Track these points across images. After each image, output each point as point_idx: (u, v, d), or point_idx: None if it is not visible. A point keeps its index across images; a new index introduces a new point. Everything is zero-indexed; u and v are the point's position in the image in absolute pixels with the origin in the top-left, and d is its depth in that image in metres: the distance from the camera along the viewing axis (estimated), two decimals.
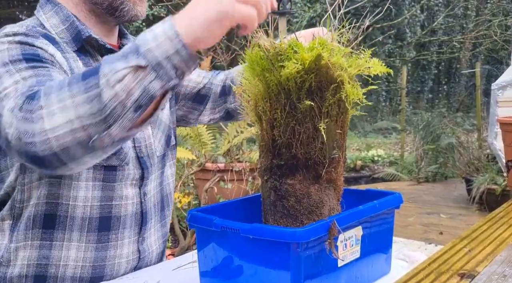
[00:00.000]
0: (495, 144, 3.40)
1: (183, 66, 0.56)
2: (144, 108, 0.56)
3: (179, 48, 0.55)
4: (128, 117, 0.55)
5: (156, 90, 0.55)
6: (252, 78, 0.62)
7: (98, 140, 0.56)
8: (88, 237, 0.77)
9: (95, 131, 0.55)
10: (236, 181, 2.52)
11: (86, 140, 0.56)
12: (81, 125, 0.55)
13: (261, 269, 0.61)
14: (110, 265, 0.80)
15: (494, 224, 0.88)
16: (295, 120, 0.61)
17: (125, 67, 0.54)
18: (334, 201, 0.66)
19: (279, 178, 0.63)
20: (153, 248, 0.88)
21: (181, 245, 2.21)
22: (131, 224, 0.82)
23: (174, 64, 0.55)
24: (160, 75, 0.55)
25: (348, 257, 0.65)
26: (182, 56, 0.55)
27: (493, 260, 0.68)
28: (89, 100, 0.55)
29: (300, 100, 0.60)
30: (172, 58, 0.55)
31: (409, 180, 4.85)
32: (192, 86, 0.98)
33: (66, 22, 0.79)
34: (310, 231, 0.58)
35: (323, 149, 0.62)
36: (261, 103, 0.63)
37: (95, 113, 0.55)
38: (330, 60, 0.58)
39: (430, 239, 2.77)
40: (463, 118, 7.75)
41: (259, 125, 0.65)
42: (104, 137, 0.56)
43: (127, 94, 0.54)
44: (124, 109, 0.55)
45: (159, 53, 0.54)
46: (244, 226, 0.61)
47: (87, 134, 0.55)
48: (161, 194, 0.90)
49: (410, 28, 9.08)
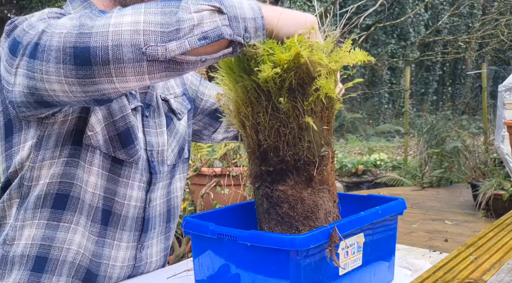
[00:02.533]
0: (502, 147, 3.37)
1: (252, 32, 0.59)
2: (208, 41, 0.57)
3: (257, 17, 0.59)
4: (191, 40, 0.56)
5: (225, 33, 0.57)
6: (231, 84, 0.62)
7: (153, 48, 0.56)
8: (92, 227, 0.77)
9: (154, 39, 0.56)
10: (233, 186, 2.50)
11: (141, 43, 0.56)
12: (144, 29, 0.56)
13: (259, 277, 0.60)
14: (105, 265, 0.79)
15: (501, 231, 0.86)
16: (279, 121, 0.60)
17: (208, 4, 0.57)
18: (330, 204, 0.64)
19: (270, 184, 0.62)
20: (153, 259, 0.87)
21: (176, 252, 2.19)
22: (131, 227, 0.81)
23: (246, 26, 0.58)
24: (233, 26, 0.58)
25: (350, 265, 0.64)
26: (257, 23, 0.59)
27: (500, 269, 0.67)
28: (163, 13, 0.57)
29: (282, 101, 0.59)
30: (247, 21, 0.59)
31: (412, 185, 4.82)
32: (212, 102, 0.99)
33: None
34: (310, 238, 0.57)
35: (311, 147, 0.60)
36: (243, 108, 0.62)
37: (163, 24, 0.56)
38: (310, 58, 0.57)
39: (434, 247, 2.75)
40: (469, 121, 7.73)
41: (243, 131, 0.64)
42: (159, 48, 0.56)
43: (199, 23, 0.56)
44: (190, 32, 0.56)
45: (240, 12, 0.58)
46: (241, 233, 0.60)
47: (146, 39, 0.56)
48: (168, 205, 0.89)
49: (413, 27, 9.08)
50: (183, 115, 0.91)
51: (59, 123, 0.74)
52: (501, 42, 6.12)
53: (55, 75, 0.60)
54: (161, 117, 0.85)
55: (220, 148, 2.63)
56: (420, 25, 9.32)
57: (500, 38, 5.83)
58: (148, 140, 0.82)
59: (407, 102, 5.89)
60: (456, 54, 7.12)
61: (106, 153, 0.76)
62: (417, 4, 8.55)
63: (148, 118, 0.83)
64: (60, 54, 0.58)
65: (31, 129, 0.74)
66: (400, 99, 9.53)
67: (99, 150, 0.76)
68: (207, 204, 2.49)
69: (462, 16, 9.22)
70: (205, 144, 2.02)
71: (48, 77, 0.61)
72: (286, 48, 0.57)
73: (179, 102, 0.91)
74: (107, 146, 0.76)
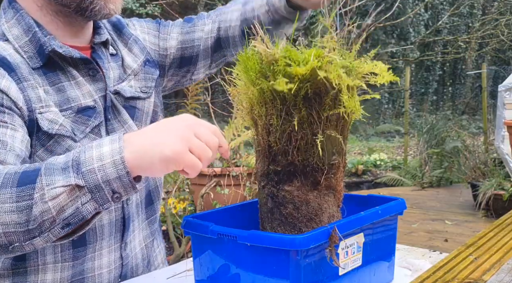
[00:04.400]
0: (502, 147, 3.37)
1: (122, 192, 0.56)
2: (72, 227, 0.56)
3: (122, 175, 0.54)
4: (55, 232, 0.55)
5: (88, 212, 0.55)
6: (247, 81, 0.61)
7: (19, 247, 0.56)
8: (63, 256, 0.75)
9: (17, 239, 0.55)
10: (233, 186, 2.50)
11: (6, 245, 0.55)
12: (3, 232, 0.55)
13: (259, 277, 0.59)
14: (90, 277, 0.77)
15: (501, 231, 0.86)
16: (291, 127, 0.59)
17: (63, 185, 0.54)
18: (334, 208, 0.64)
19: (276, 184, 0.62)
20: (137, 250, 0.84)
21: (176, 252, 2.19)
22: (110, 232, 0.78)
23: (113, 188, 0.55)
24: (96, 198, 0.55)
25: (350, 265, 0.64)
26: (123, 182, 0.55)
27: (500, 269, 0.67)
28: (19, 210, 0.54)
29: (296, 107, 0.58)
30: (112, 182, 0.54)
31: (412, 185, 4.82)
32: (176, 52, 0.90)
33: (28, 32, 0.73)
34: (310, 238, 0.56)
35: (321, 155, 0.60)
36: (257, 107, 0.61)
37: (22, 224, 0.54)
38: (327, 76, 0.55)
39: (434, 247, 2.74)
40: (469, 121, 7.72)
41: (255, 129, 0.63)
42: (25, 246, 0.56)
43: (58, 212, 0.54)
44: (52, 224, 0.55)
45: (101, 175, 0.54)
46: (241, 233, 0.59)
47: (9, 240, 0.55)
48: (147, 188, 0.85)
49: (413, 27, 9.07)
50: (151, 89, 0.85)
51: None
52: (501, 42, 6.11)
53: None
54: (121, 113, 0.80)
55: None
56: (420, 25, 9.31)
57: (500, 38, 5.82)
58: None
59: (407, 102, 5.88)
60: (456, 54, 7.12)
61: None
62: (417, 4, 8.54)
63: (110, 121, 0.78)
64: None
65: None
66: (400, 99, 9.52)
67: None
68: (207, 204, 2.48)
69: (462, 16, 9.21)
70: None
71: None
72: (303, 62, 0.55)
73: (140, 80, 0.84)
74: None
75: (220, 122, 3.10)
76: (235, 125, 0.65)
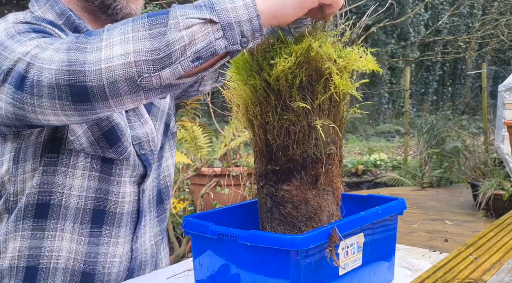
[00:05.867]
0: (502, 147, 3.37)
1: (249, 36, 0.55)
2: (202, 61, 0.55)
3: (252, 17, 0.55)
4: (184, 64, 0.54)
5: (220, 47, 0.55)
6: (240, 82, 0.61)
7: (147, 79, 0.55)
8: (81, 230, 0.76)
9: (147, 69, 0.54)
10: (233, 186, 2.50)
11: (135, 76, 0.55)
12: (135, 60, 0.54)
13: (259, 277, 0.59)
14: (102, 262, 0.79)
15: (501, 231, 0.86)
16: (289, 120, 0.59)
17: (198, 17, 0.54)
18: (333, 206, 0.64)
19: (275, 184, 0.62)
20: (147, 246, 0.86)
21: (176, 252, 2.19)
22: (127, 222, 0.80)
23: (242, 30, 0.55)
24: (228, 36, 0.54)
25: (350, 265, 0.64)
26: (253, 25, 0.55)
27: (500, 269, 0.67)
28: (151, 36, 0.54)
29: (292, 98, 0.59)
30: (242, 24, 0.55)
31: (412, 185, 4.82)
32: None
33: (62, 16, 0.77)
34: (310, 238, 0.56)
35: (317, 145, 0.60)
36: (251, 107, 0.62)
37: (153, 51, 0.54)
38: (320, 51, 0.57)
39: (434, 247, 2.74)
40: (469, 121, 7.73)
41: (251, 130, 0.64)
42: (153, 78, 0.55)
43: (190, 42, 0.54)
44: (183, 55, 0.54)
45: (233, 15, 0.54)
46: (241, 233, 0.59)
47: (139, 70, 0.54)
48: (158, 187, 0.87)
49: (413, 27, 9.07)
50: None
51: (36, 134, 0.73)
52: (501, 42, 6.11)
53: (50, 109, 0.60)
54: (139, 107, 0.83)
55: (220, 148, 2.63)
56: (420, 25, 9.32)
57: (500, 38, 5.82)
58: (133, 135, 0.80)
59: (407, 102, 5.89)
60: (456, 54, 7.12)
61: (94, 154, 0.75)
62: (417, 4, 8.55)
63: (128, 112, 0.81)
64: (54, 91, 0.58)
65: (8, 143, 0.74)
66: (400, 99, 9.53)
67: (84, 153, 0.75)
68: (207, 204, 2.49)
69: (462, 16, 9.21)
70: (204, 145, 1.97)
71: (42, 110, 0.61)
72: (297, 40, 0.56)
73: None
74: (93, 147, 0.75)
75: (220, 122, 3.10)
76: (235, 125, 0.65)
